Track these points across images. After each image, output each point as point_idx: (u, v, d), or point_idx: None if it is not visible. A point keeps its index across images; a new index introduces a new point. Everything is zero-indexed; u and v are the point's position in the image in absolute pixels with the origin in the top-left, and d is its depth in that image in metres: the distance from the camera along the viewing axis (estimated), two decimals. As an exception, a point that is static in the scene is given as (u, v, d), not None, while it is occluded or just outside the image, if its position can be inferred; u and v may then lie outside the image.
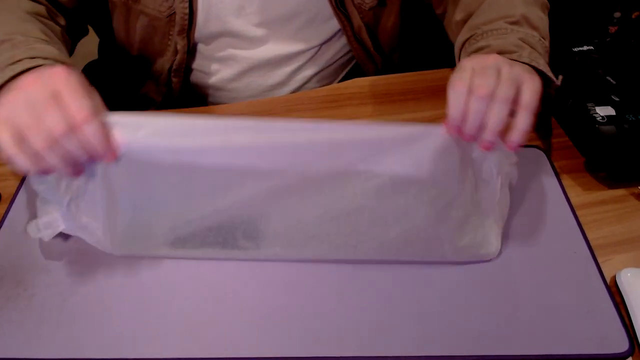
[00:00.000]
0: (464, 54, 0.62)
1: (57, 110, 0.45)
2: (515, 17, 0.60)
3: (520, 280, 0.56)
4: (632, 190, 0.67)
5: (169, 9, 0.71)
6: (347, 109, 0.77)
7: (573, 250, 0.59)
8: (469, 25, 0.64)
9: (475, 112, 0.48)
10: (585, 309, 0.53)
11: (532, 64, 0.54)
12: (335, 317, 0.52)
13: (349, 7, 0.76)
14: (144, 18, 0.73)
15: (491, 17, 0.62)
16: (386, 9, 0.79)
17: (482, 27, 0.61)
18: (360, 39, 0.80)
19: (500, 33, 0.59)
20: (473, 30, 0.62)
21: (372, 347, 0.50)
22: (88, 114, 0.45)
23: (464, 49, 0.62)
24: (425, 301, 0.54)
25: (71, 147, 0.45)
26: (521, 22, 0.60)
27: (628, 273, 0.56)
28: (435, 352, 0.50)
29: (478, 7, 0.65)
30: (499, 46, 0.56)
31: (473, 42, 0.61)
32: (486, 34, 0.60)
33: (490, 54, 0.54)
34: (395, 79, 0.83)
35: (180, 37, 0.74)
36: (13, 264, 0.55)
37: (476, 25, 0.62)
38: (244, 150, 0.50)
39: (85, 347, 0.50)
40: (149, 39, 0.76)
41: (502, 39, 0.58)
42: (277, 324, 0.52)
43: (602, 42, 0.79)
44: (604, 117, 0.67)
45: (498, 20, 0.61)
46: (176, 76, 0.79)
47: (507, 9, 0.62)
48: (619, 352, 0.50)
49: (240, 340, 0.50)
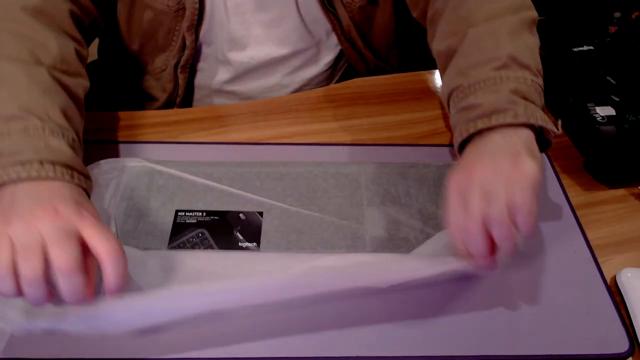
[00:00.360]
0: (453, 106, 0.58)
1: (69, 253, 0.42)
2: (502, 60, 0.55)
3: (520, 280, 0.56)
4: (632, 190, 0.67)
5: (178, 3, 0.71)
6: (346, 109, 0.77)
7: (573, 250, 0.59)
8: (455, 66, 0.59)
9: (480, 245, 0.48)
10: (585, 309, 0.53)
11: (530, 121, 0.52)
12: (335, 317, 0.52)
13: (337, 5, 0.76)
14: (149, 12, 0.72)
15: (477, 59, 0.57)
16: (378, 8, 0.79)
17: (469, 74, 0.56)
18: (350, 38, 0.80)
19: (489, 85, 0.55)
20: (459, 77, 0.57)
21: (372, 347, 0.50)
22: (116, 253, 0.44)
23: (452, 100, 0.58)
24: (426, 301, 0.54)
25: (69, 290, 0.42)
26: (509, 64, 0.55)
27: (628, 273, 0.56)
28: (435, 352, 0.50)
29: (460, 41, 0.59)
30: (492, 105, 0.53)
31: (461, 95, 0.56)
32: (474, 87, 0.55)
33: (479, 158, 0.51)
34: (394, 79, 0.83)
35: (189, 33, 0.74)
36: (12, 264, 0.55)
37: (461, 70, 0.58)
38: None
39: (86, 347, 0.49)
40: (153, 34, 0.75)
41: (493, 94, 0.54)
42: (277, 324, 0.51)
43: (602, 42, 0.79)
44: (604, 117, 0.67)
45: (485, 66, 0.56)
46: (183, 72, 0.79)
47: (493, 49, 0.57)
48: (619, 352, 0.50)
49: (240, 340, 0.50)
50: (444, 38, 0.63)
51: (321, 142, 0.71)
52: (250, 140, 0.71)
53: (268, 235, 0.58)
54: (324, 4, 0.75)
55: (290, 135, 0.72)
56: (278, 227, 0.59)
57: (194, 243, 0.57)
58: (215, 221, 0.59)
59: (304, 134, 0.73)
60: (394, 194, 0.63)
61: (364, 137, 0.72)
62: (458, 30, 0.60)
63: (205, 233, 0.58)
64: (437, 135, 0.73)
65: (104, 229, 0.45)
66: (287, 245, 0.57)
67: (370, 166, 0.66)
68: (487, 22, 0.58)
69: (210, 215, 0.59)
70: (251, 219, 0.59)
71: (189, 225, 0.58)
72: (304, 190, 0.63)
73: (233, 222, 0.59)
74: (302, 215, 0.60)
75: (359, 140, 0.72)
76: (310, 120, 0.75)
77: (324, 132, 0.73)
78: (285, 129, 0.73)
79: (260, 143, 0.70)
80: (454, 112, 0.57)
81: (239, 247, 0.57)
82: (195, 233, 0.58)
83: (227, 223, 0.59)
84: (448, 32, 0.63)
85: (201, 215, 0.59)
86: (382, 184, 0.64)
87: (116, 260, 0.44)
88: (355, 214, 0.61)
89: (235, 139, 0.71)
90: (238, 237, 0.58)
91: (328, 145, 0.70)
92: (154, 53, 0.78)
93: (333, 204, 0.62)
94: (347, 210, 0.61)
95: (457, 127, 0.56)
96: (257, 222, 0.59)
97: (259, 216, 0.60)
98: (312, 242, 0.58)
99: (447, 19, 0.63)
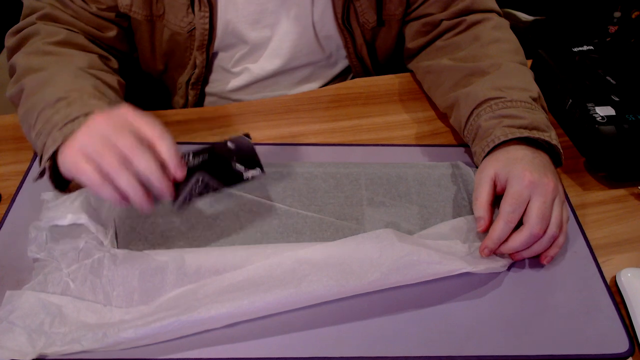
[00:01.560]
0: (486, 112, 0.63)
1: (130, 134, 0.49)
2: (535, 94, 0.64)
3: (520, 281, 0.56)
4: (632, 190, 0.67)
5: (189, 24, 0.72)
6: (347, 109, 0.77)
7: (573, 250, 0.59)
8: (489, 83, 0.66)
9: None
10: (585, 309, 0.53)
11: (558, 146, 0.60)
12: (335, 317, 0.52)
13: (353, 24, 0.77)
14: (167, 31, 0.74)
15: (514, 84, 0.65)
16: (384, 29, 0.80)
17: (508, 93, 0.63)
18: (361, 56, 0.82)
19: (528, 107, 0.62)
20: (497, 91, 0.64)
21: (372, 347, 0.50)
22: (160, 132, 0.50)
23: (486, 108, 0.63)
24: (425, 301, 0.54)
25: (144, 164, 0.48)
26: (538, 100, 0.64)
27: (628, 273, 0.56)
28: (435, 352, 0.50)
29: (491, 68, 0.67)
30: (535, 121, 0.60)
31: (502, 105, 0.63)
32: (515, 103, 0.62)
33: (522, 164, 0.58)
34: (394, 79, 0.83)
35: (200, 52, 0.75)
36: (13, 264, 0.55)
37: (499, 87, 0.64)
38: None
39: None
40: (172, 53, 0.77)
41: (532, 114, 0.61)
42: (277, 324, 0.52)
43: (602, 42, 0.79)
44: (604, 117, 0.67)
45: (522, 92, 0.64)
46: (193, 89, 0.81)
47: (525, 82, 0.66)
48: (619, 352, 0.50)
49: (240, 340, 0.50)
50: (461, 59, 0.71)
51: (321, 142, 0.71)
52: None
53: (268, 235, 0.58)
54: (343, 21, 0.76)
55: (291, 135, 0.72)
56: (278, 227, 0.59)
57: (200, 192, 0.54)
58: (207, 161, 0.55)
59: (304, 134, 0.73)
60: (394, 194, 0.63)
61: (364, 137, 0.72)
62: (477, 56, 0.70)
63: (205, 176, 0.54)
64: (437, 135, 0.74)
65: (146, 118, 0.51)
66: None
67: (370, 166, 0.66)
68: (512, 62, 0.68)
69: (198, 156, 0.54)
70: (240, 143, 0.56)
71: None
72: (303, 191, 0.63)
73: (225, 154, 0.55)
74: (302, 216, 0.60)
75: (359, 140, 0.72)
76: (311, 120, 0.75)
77: (324, 132, 0.73)
78: (285, 129, 0.73)
79: (260, 143, 0.70)
80: (488, 118, 0.63)
81: (244, 179, 0.55)
82: (194, 181, 0.54)
83: (221, 158, 0.55)
84: (464, 57, 0.71)
85: (190, 161, 0.54)
86: (382, 184, 0.64)
87: (165, 136, 0.50)
88: (355, 214, 0.61)
89: (235, 139, 0.71)
90: (239, 169, 0.55)
91: (328, 146, 0.70)
92: (177, 71, 0.80)
93: (333, 204, 0.62)
94: (347, 211, 0.61)
95: (492, 129, 0.61)
96: (247, 145, 0.56)
97: (247, 138, 0.56)
98: (312, 242, 0.58)
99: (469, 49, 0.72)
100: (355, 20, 0.77)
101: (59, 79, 0.60)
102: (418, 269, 0.52)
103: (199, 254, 0.54)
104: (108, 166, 0.48)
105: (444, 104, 0.72)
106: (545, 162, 0.59)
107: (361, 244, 0.54)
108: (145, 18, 0.72)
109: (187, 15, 0.71)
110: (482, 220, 0.57)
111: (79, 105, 0.56)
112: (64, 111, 0.55)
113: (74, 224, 0.56)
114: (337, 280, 0.51)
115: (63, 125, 0.54)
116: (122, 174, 0.48)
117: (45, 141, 0.55)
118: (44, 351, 0.48)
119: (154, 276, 0.53)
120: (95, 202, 0.58)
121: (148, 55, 0.78)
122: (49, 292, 0.52)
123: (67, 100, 0.56)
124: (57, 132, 0.54)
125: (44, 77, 0.61)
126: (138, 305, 0.51)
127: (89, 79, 0.62)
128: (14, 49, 0.68)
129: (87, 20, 0.70)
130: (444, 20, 0.76)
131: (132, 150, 0.48)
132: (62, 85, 0.59)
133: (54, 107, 0.56)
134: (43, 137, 0.55)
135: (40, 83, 0.60)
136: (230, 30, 0.74)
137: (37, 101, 0.58)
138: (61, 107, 0.56)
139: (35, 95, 0.59)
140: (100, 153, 0.48)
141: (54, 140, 0.53)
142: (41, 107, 0.57)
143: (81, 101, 0.56)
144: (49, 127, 0.55)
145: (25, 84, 0.61)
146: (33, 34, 0.67)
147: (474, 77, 0.68)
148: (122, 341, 0.48)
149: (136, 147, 0.48)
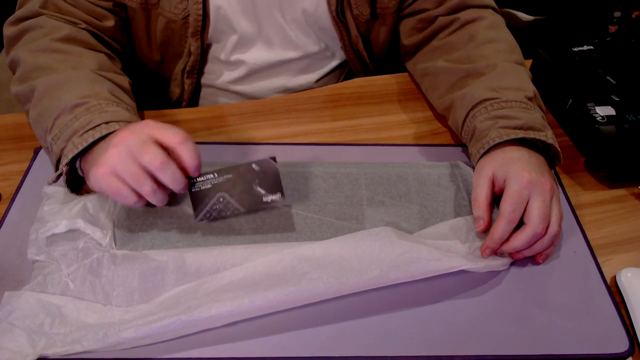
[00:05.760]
0: (481, 113, 0.63)
1: (156, 147, 0.51)
2: (530, 93, 0.64)
3: (520, 280, 0.56)
4: (632, 190, 0.67)
5: (183, 11, 0.72)
6: (346, 109, 0.77)
7: (573, 250, 0.59)
8: (484, 84, 0.66)
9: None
10: (585, 309, 0.53)
11: (555, 144, 0.60)
12: (335, 316, 0.52)
13: (347, 17, 0.77)
14: (162, 20, 0.74)
15: (509, 84, 0.65)
16: (378, 22, 0.80)
17: (503, 93, 0.63)
18: (357, 49, 0.82)
19: (523, 107, 0.62)
20: (492, 92, 0.64)
21: (372, 347, 0.50)
22: (182, 138, 0.52)
23: (481, 109, 0.64)
24: (425, 300, 0.54)
25: (169, 179, 0.52)
26: (534, 99, 0.65)
27: (628, 273, 0.56)
28: (435, 352, 0.50)
29: (486, 69, 0.67)
30: (530, 121, 0.61)
31: (497, 106, 0.63)
32: (510, 103, 0.62)
33: (520, 164, 0.58)
34: (394, 79, 0.83)
35: (194, 39, 0.75)
36: (13, 264, 0.55)
37: (494, 88, 0.64)
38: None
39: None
40: (168, 42, 0.77)
41: (528, 114, 0.62)
42: (276, 324, 0.52)
43: (602, 42, 0.79)
44: (604, 117, 0.67)
45: (517, 91, 0.64)
46: (189, 77, 0.80)
47: (521, 81, 0.66)
48: (619, 352, 0.50)
49: (240, 339, 0.50)
50: (453, 59, 0.71)
51: (321, 142, 0.71)
52: (250, 140, 0.71)
53: (268, 235, 0.58)
54: (336, 14, 0.76)
55: (290, 135, 0.72)
56: (277, 227, 0.59)
57: (220, 210, 0.56)
58: (230, 180, 0.56)
59: (304, 134, 0.73)
60: (394, 193, 0.63)
61: (364, 137, 0.72)
62: (473, 57, 0.70)
63: (226, 196, 0.56)
64: (437, 135, 0.74)
65: (168, 126, 0.53)
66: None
67: (370, 166, 0.66)
68: (507, 62, 0.68)
69: (222, 175, 0.55)
70: (265, 167, 0.56)
71: (206, 193, 0.56)
72: (303, 190, 0.63)
73: (248, 176, 0.56)
74: (301, 216, 0.60)
75: (359, 140, 0.72)
76: (310, 120, 0.75)
77: (324, 132, 0.73)
78: (285, 129, 0.73)
79: (260, 143, 0.70)
80: (483, 119, 0.63)
81: (264, 203, 0.56)
82: (215, 199, 0.56)
83: (243, 179, 0.56)
84: (458, 57, 0.71)
85: (214, 178, 0.55)
86: (382, 183, 0.64)
87: (186, 141, 0.52)
88: (355, 214, 0.61)
89: (235, 139, 0.71)
90: (259, 192, 0.56)
91: (328, 145, 0.70)
92: (173, 60, 0.80)
93: (333, 204, 0.62)
94: (347, 210, 0.61)
95: (488, 131, 0.62)
96: (272, 169, 0.56)
97: (273, 162, 0.56)
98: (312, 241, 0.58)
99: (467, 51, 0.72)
100: (349, 12, 0.77)
101: (74, 83, 0.61)
102: (418, 265, 0.52)
103: (199, 253, 0.54)
104: (143, 189, 0.52)
105: (441, 106, 0.72)
106: (541, 161, 0.60)
107: (360, 241, 0.54)
108: (141, 6, 0.72)
109: (181, 1, 0.71)
110: (481, 220, 0.57)
111: (98, 112, 0.57)
112: (84, 118, 0.56)
113: (70, 230, 0.56)
114: (337, 277, 0.51)
115: (84, 132, 0.55)
116: (155, 196, 0.53)
117: (64, 146, 0.56)
118: (44, 352, 0.48)
119: (154, 276, 0.53)
120: (93, 209, 0.58)
121: (145, 46, 0.78)
122: (48, 292, 0.52)
123: (85, 107, 0.57)
124: (77, 138, 0.55)
125: (57, 79, 0.61)
126: (138, 305, 0.51)
127: (104, 83, 0.63)
128: (14, 40, 0.67)
129: (86, 9, 0.70)
130: (439, 16, 0.76)
131: (160, 167, 0.51)
132: (79, 91, 0.59)
133: (72, 113, 0.57)
134: (61, 142, 0.56)
135: (53, 85, 0.61)
136: (221, 16, 0.74)
137: (51, 105, 0.59)
138: (80, 113, 0.57)
139: (48, 99, 0.60)
140: (134, 176, 0.51)
141: (74, 145, 0.55)
142: (58, 112, 0.58)
143: (100, 108, 0.58)
144: (69, 132, 0.56)
145: (37, 85, 0.61)
146: (35, 27, 0.67)
147: (470, 78, 0.68)
148: (123, 341, 0.48)
149: (163, 162, 0.51)
